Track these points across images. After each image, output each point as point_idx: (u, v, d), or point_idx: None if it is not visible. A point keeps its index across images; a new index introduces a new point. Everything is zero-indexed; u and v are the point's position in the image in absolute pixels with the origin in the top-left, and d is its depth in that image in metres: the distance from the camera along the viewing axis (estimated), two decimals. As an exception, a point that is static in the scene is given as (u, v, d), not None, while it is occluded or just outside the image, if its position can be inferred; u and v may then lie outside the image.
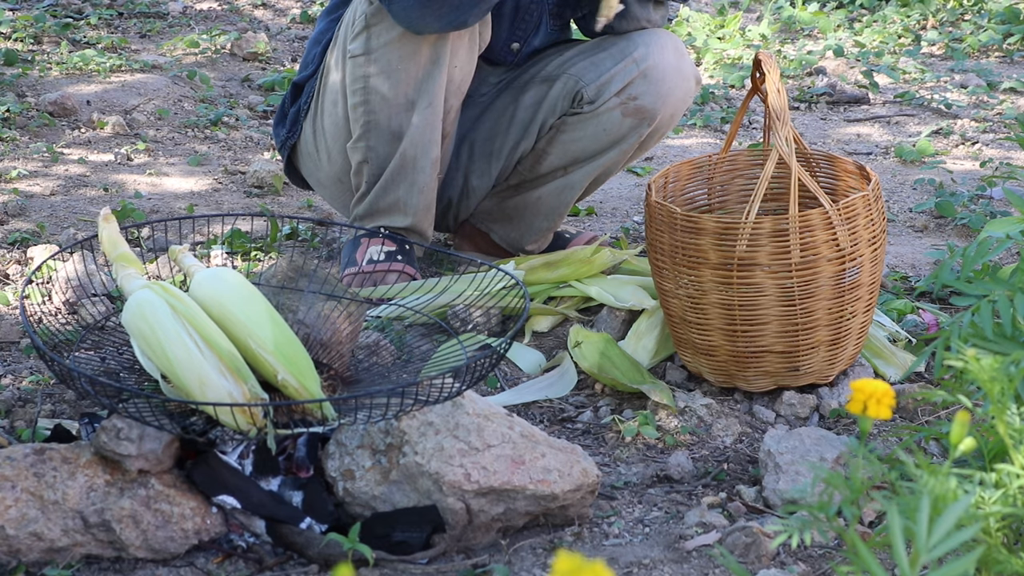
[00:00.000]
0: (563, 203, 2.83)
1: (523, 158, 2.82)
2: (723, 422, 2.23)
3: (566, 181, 2.80)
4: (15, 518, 1.81)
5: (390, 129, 2.59)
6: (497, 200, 2.88)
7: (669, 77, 2.69)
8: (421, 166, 2.61)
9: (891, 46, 5.32)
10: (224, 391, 1.81)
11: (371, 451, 1.89)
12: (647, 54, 2.68)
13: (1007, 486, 1.43)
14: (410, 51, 2.52)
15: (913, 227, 3.30)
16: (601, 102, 2.70)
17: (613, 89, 2.68)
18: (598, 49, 2.73)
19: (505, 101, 2.81)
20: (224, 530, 1.87)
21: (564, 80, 2.73)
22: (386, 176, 2.63)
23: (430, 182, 2.64)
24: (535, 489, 1.87)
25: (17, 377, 2.36)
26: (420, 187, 2.63)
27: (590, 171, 2.78)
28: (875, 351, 2.42)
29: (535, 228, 2.87)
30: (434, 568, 1.83)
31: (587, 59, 2.73)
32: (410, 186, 2.63)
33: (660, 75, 2.68)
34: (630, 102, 2.69)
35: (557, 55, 2.79)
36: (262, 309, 1.93)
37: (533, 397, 2.33)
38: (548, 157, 2.78)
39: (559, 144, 2.76)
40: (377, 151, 2.62)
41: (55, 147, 3.84)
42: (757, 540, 1.84)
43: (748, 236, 2.16)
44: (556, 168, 2.79)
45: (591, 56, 2.73)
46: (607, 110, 2.70)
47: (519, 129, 2.79)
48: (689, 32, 5.45)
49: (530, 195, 2.84)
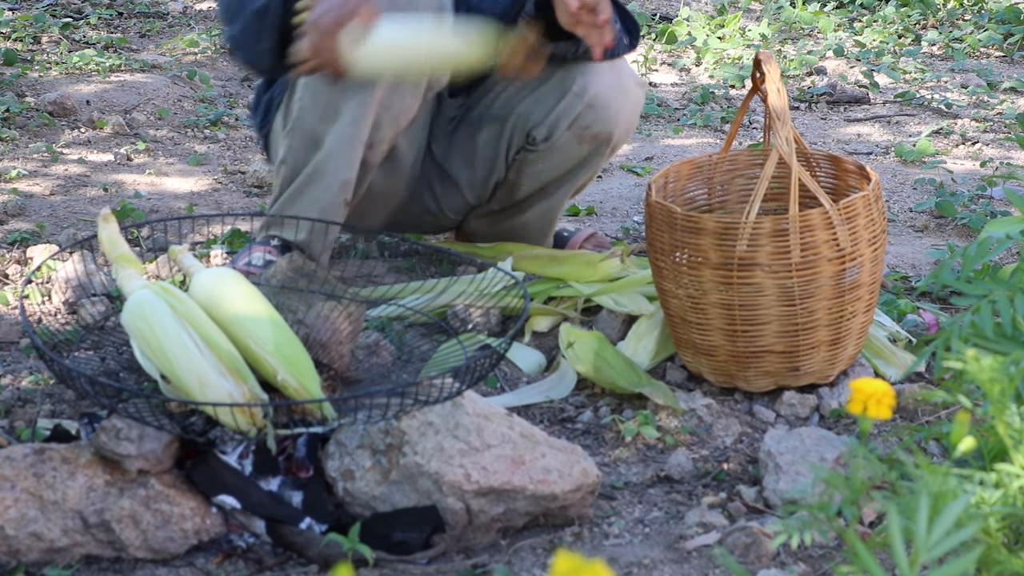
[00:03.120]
0: (550, 221, 2.86)
1: (498, 187, 2.81)
2: (723, 422, 2.23)
3: (547, 204, 2.81)
4: (15, 518, 1.81)
5: (313, 134, 2.52)
6: (488, 223, 2.88)
7: (614, 100, 2.66)
8: (328, 183, 2.52)
9: (891, 46, 5.32)
10: (224, 391, 1.81)
11: (371, 451, 1.89)
12: (585, 84, 2.64)
13: (1007, 486, 1.43)
14: None
15: (913, 227, 3.30)
16: (555, 138, 2.68)
17: (563, 126, 2.66)
18: (539, 83, 2.68)
19: (463, 137, 2.79)
20: (224, 530, 1.87)
21: (513, 120, 2.71)
22: (296, 184, 2.56)
23: (333, 205, 2.54)
24: (535, 489, 1.87)
25: (17, 377, 2.36)
26: (321, 206, 2.53)
27: (567, 190, 2.80)
28: (875, 351, 2.42)
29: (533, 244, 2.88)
30: (434, 568, 1.83)
31: (530, 96, 2.69)
32: (312, 202, 2.54)
33: (605, 101, 2.65)
34: (584, 132, 2.67)
35: (502, 90, 2.74)
36: (262, 309, 1.94)
37: (533, 400, 2.33)
38: (521, 187, 2.78)
39: (528, 176, 2.76)
40: (295, 153, 2.55)
41: (55, 147, 3.84)
42: (757, 540, 1.84)
43: (748, 236, 2.16)
44: (532, 194, 2.79)
45: (533, 92, 2.69)
46: (564, 143, 2.69)
47: (485, 165, 2.78)
48: (689, 32, 5.45)
49: (517, 220, 2.85)
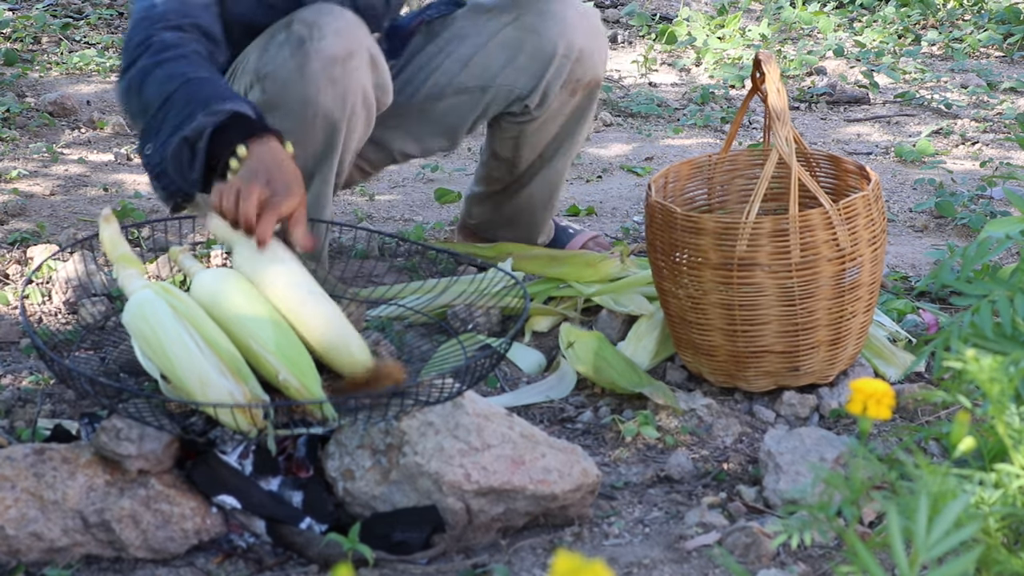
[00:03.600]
0: (554, 190, 2.84)
1: (494, 166, 2.80)
2: (723, 422, 2.23)
3: (550, 170, 2.79)
4: (15, 518, 1.81)
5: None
6: (492, 207, 2.87)
7: (594, 44, 2.67)
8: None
9: (891, 46, 5.32)
10: (224, 391, 1.81)
11: (371, 451, 1.89)
12: (569, 44, 2.64)
13: (1007, 486, 1.43)
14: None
15: (913, 227, 3.30)
16: (550, 102, 2.68)
17: (556, 88, 2.66)
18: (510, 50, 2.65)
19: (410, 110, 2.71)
20: (224, 530, 1.87)
21: (494, 91, 2.67)
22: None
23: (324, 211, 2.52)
24: (535, 489, 1.87)
25: (17, 377, 2.36)
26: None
27: (567, 151, 2.78)
28: (875, 351, 2.42)
29: (538, 222, 2.87)
30: (434, 568, 1.83)
31: (510, 66, 2.66)
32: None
33: (589, 51, 2.66)
34: (576, 84, 2.68)
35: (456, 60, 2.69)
36: (263, 309, 1.93)
37: (533, 400, 2.33)
38: (521, 159, 2.77)
39: (527, 146, 2.75)
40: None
41: (55, 147, 3.84)
42: (757, 540, 1.84)
43: (748, 236, 2.16)
44: (533, 162, 2.78)
45: (512, 63, 2.66)
46: (559, 103, 2.69)
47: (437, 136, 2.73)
48: (689, 32, 5.45)
49: (520, 196, 2.83)
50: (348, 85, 2.35)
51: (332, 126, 2.37)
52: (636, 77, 4.96)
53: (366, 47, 2.38)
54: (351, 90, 2.36)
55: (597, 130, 4.24)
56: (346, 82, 2.34)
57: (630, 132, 4.24)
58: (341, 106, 2.36)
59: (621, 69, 5.06)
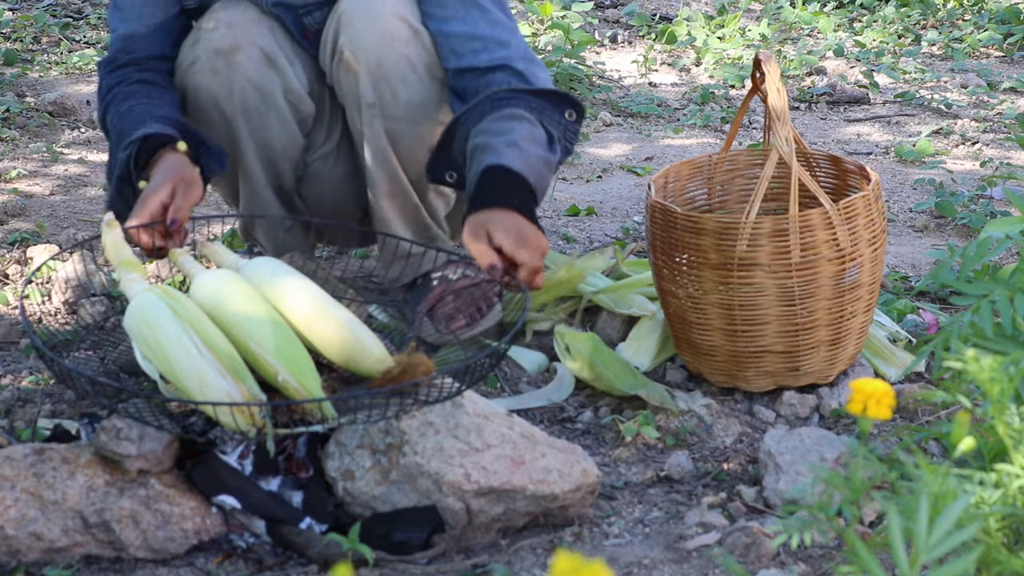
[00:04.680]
0: (413, 153, 2.41)
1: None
2: (723, 422, 2.23)
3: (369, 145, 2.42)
4: (15, 518, 1.81)
5: (232, 186, 2.56)
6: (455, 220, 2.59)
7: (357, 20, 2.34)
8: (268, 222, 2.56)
9: (891, 46, 5.32)
10: (223, 392, 1.81)
11: (371, 451, 1.89)
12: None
13: (1007, 486, 1.43)
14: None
15: (913, 227, 3.30)
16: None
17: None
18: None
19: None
20: (224, 530, 1.87)
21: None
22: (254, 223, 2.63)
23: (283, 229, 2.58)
24: (535, 489, 1.87)
25: (17, 377, 2.36)
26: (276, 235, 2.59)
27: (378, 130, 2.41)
28: (875, 351, 2.42)
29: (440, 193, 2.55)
30: (434, 568, 1.83)
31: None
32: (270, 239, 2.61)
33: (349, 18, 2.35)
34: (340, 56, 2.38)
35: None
36: (262, 310, 1.93)
37: (533, 404, 2.32)
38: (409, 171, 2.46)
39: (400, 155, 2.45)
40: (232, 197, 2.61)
41: (55, 147, 3.84)
42: (757, 540, 1.84)
43: (748, 236, 2.16)
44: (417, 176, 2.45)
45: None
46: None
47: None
48: (689, 32, 5.46)
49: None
50: (232, 77, 2.36)
51: (226, 118, 2.39)
52: (636, 77, 4.96)
53: (257, 44, 2.37)
54: (236, 82, 2.36)
55: (597, 130, 4.24)
56: (230, 74, 2.36)
57: (630, 132, 4.24)
58: (228, 98, 2.37)
59: (621, 69, 5.06)
